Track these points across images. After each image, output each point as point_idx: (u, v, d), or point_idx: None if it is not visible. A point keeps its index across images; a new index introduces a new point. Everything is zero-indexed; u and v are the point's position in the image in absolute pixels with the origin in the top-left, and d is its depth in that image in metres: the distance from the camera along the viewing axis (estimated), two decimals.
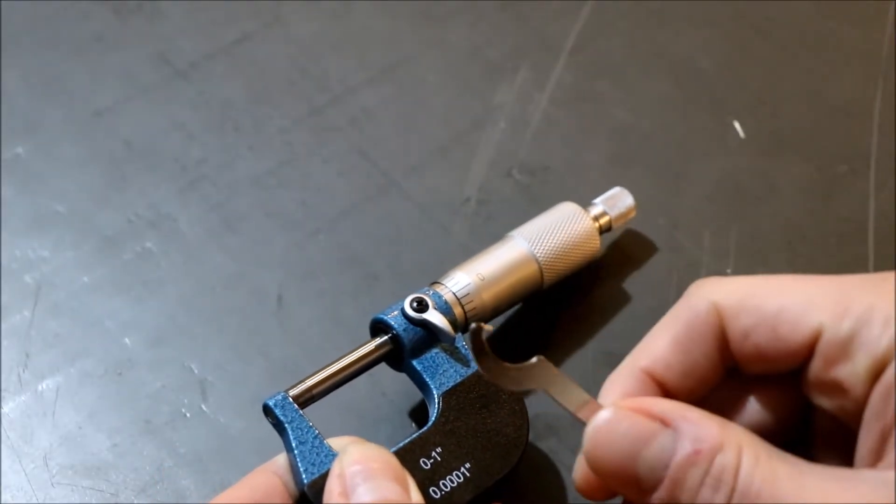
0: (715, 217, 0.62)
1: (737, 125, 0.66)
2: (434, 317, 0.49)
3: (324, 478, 0.43)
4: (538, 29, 0.72)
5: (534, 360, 0.41)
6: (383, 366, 0.51)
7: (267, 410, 0.47)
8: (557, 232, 0.55)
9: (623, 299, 0.58)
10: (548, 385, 0.41)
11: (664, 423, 0.38)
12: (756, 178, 0.64)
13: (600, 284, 0.59)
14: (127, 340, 0.57)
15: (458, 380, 0.49)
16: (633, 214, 0.58)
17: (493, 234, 0.61)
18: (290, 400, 0.47)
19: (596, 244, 0.56)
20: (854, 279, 0.41)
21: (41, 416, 0.54)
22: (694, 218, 0.62)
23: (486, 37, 0.71)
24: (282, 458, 0.47)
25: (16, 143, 0.65)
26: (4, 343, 0.57)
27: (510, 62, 0.70)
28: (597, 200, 0.58)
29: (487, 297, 0.52)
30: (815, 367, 0.40)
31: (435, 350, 0.50)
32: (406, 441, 0.47)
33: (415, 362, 0.49)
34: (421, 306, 0.50)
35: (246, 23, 0.72)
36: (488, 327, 0.41)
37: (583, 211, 0.56)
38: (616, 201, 0.58)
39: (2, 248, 0.60)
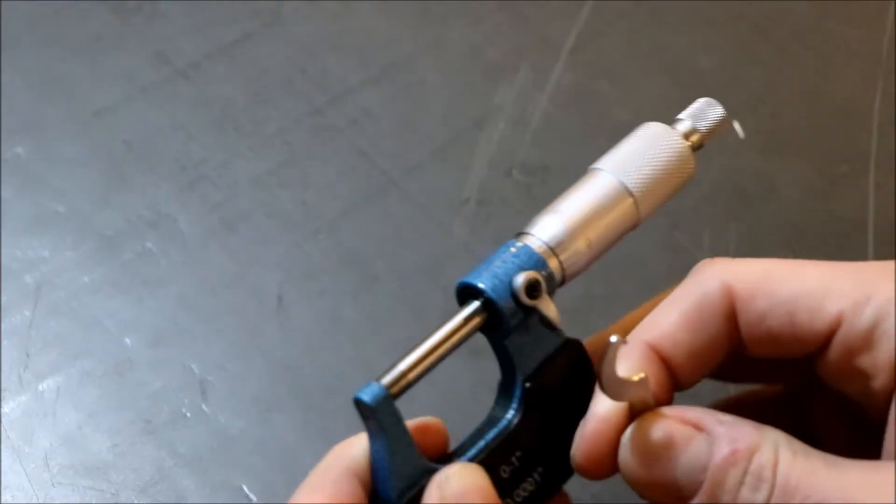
0: (715, 217, 0.62)
1: (737, 125, 0.66)
2: (548, 307, 0.42)
3: (416, 498, 0.38)
4: (538, 29, 0.72)
5: (639, 376, 0.39)
6: (375, 365, 0.50)
7: (361, 406, 0.39)
8: (647, 158, 0.47)
9: None
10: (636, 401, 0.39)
11: (697, 427, 0.38)
12: (756, 178, 0.64)
13: None
14: (127, 340, 0.57)
15: (541, 359, 0.42)
16: (727, 127, 0.49)
17: (493, 234, 0.61)
18: (390, 397, 0.39)
19: (691, 166, 0.48)
20: (872, 266, 0.40)
21: (41, 416, 0.54)
22: (694, 218, 0.62)
23: (486, 37, 0.71)
24: (359, 453, 0.40)
25: (16, 143, 0.65)
26: (5, 343, 0.57)
27: (510, 62, 0.70)
28: (682, 115, 0.49)
29: (583, 245, 0.45)
30: (834, 355, 0.39)
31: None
32: (491, 440, 0.41)
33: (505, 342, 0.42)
34: (536, 292, 0.42)
35: (246, 23, 0.72)
36: (620, 339, 0.38)
37: (671, 129, 0.48)
38: (704, 113, 0.49)
39: (2, 248, 0.60)
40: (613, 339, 0.37)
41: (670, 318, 0.42)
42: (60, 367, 0.56)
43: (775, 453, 0.37)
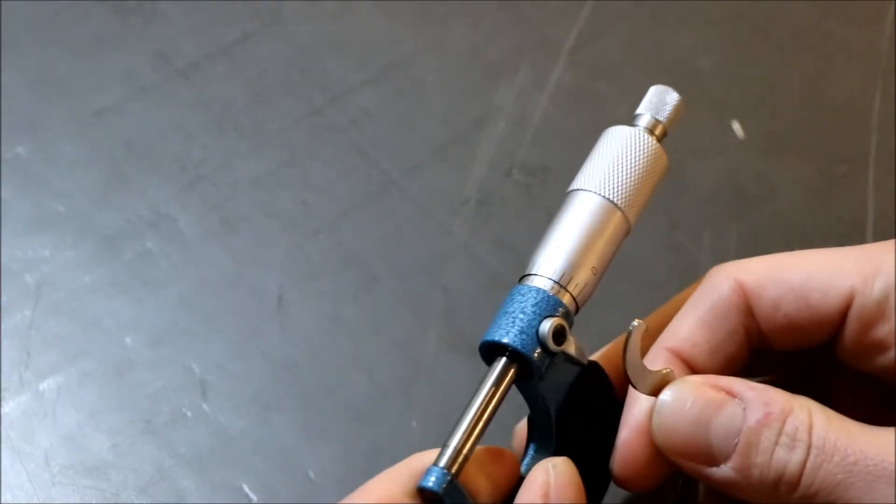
0: (715, 217, 0.62)
1: (736, 125, 0.66)
2: (570, 346, 0.42)
3: None
4: (538, 29, 0.72)
5: (665, 369, 0.41)
6: (375, 365, 0.50)
7: (427, 493, 0.39)
8: (623, 167, 0.47)
9: None
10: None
11: (729, 393, 0.39)
12: (756, 178, 0.64)
13: None
14: (127, 340, 0.57)
15: (566, 388, 0.42)
16: (682, 109, 0.49)
17: (493, 234, 0.61)
18: (453, 479, 0.39)
19: (663, 160, 0.48)
20: (876, 246, 0.41)
21: (42, 415, 0.54)
22: (694, 218, 0.62)
23: (486, 37, 0.71)
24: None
25: (16, 143, 0.65)
26: (5, 343, 0.57)
27: (510, 62, 0.70)
28: (640, 110, 0.48)
29: (588, 272, 0.45)
30: (851, 331, 0.40)
31: None
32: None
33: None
34: (563, 338, 0.42)
35: (246, 23, 0.72)
36: (643, 322, 0.39)
37: (633, 129, 0.48)
38: (660, 102, 0.48)
39: (2, 248, 0.60)
40: (635, 323, 0.38)
41: (687, 323, 0.43)
42: (60, 367, 0.56)
43: (809, 416, 0.38)
